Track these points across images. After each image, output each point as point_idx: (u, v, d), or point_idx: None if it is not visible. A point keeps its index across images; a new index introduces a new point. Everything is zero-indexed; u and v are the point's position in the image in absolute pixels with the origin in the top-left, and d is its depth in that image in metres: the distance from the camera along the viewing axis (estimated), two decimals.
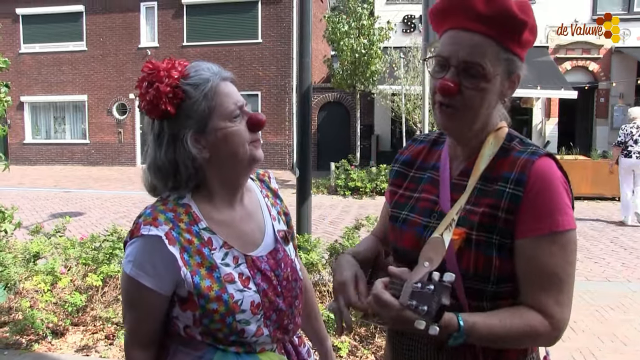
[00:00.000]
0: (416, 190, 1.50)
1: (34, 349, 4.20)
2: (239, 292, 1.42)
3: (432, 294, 1.10)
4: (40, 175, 19.20)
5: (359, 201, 13.45)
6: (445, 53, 1.33)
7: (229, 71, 1.51)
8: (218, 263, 1.42)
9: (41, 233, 5.46)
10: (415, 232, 1.43)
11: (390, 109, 17.50)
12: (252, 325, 1.44)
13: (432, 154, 1.53)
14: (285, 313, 1.53)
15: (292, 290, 1.57)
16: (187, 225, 1.42)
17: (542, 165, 1.29)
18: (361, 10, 17.39)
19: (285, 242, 1.60)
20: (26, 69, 22.76)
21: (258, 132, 1.49)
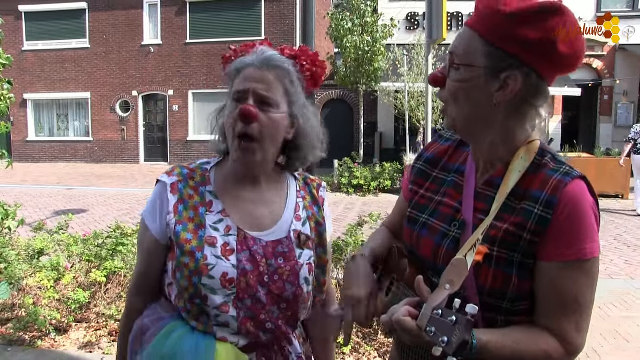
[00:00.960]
0: (438, 192, 1.44)
1: (37, 345, 4.21)
2: (215, 257, 1.43)
3: (454, 327, 1.07)
4: (43, 173, 19.24)
5: (362, 198, 13.45)
6: None
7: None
8: (207, 224, 1.47)
9: (44, 230, 5.47)
10: (433, 240, 1.38)
11: (394, 106, 17.49)
12: (218, 297, 1.42)
13: (457, 155, 1.46)
14: (264, 308, 1.46)
15: (282, 290, 1.48)
16: (196, 183, 1.53)
17: (574, 189, 1.23)
18: (365, 7, 17.39)
19: (299, 243, 1.54)
20: (29, 66, 22.79)
21: (249, 125, 1.42)
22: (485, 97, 1.26)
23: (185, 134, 21.79)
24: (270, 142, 1.47)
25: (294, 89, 1.51)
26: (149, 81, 22.02)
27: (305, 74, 1.53)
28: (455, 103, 1.30)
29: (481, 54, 1.24)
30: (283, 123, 1.48)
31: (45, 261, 4.73)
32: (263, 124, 1.43)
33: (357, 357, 4.00)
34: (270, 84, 1.45)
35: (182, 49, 21.58)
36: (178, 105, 21.77)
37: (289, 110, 1.50)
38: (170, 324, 1.47)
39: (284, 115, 1.48)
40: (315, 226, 1.61)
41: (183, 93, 21.63)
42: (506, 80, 1.24)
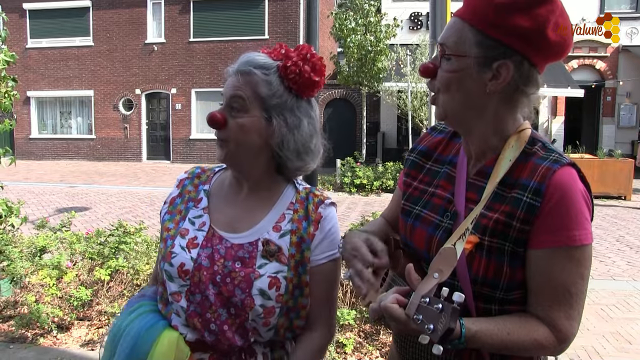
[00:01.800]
0: (431, 184, 1.45)
1: (39, 342, 4.22)
2: (180, 248, 1.49)
3: (440, 314, 1.07)
4: (46, 170, 19.28)
5: (364, 198, 13.45)
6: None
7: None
8: (187, 217, 1.56)
9: (47, 228, 5.48)
10: (426, 231, 1.39)
11: (397, 106, 17.49)
12: (173, 285, 1.47)
13: (450, 147, 1.47)
14: (211, 307, 1.44)
15: (231, 294, 1.44)
16: (199, 182, 1.63)
17: (563, 176, 1.22)
18: (368, 7, 17.39)
19: (265, 253, 1.47)
20: (33, 63, 22.83)
21: (219, 130, 1.47)
22: (477, 87, 1.27)
23: (187, 132, 21.81)
24: (241, 147, 1.47)
25: (271, 92, 1.45)
26: (152, 79, 22.04)
27: (289, 76, 1.46)
28: (446, 93, 1.30)
29: (472, 43, 1.25)
30: (253, 127, 1.45)
31: (47, 259, 4.74)
32: (231, 128, 1.45)
33: (359, 356, 4.01)
34: (239, 89, 1.45)
35: (186, 48, 21.60)
36: (181, 103, 21.78)
37: (264, 114, 1.46)
38: (140, 303, 1.55)
39: (253, 120, 1.45)
40: (298, 242, 1.50)
41: (186, 91, 21.66)
42: (498, 69, 1.25)
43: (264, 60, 1.48)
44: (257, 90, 1.45)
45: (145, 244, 5.00)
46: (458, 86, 1.28)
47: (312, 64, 1.48)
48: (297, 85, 1.47)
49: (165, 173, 18.57)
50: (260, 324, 1.45)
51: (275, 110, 1.46)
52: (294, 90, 1.48)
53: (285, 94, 1.47)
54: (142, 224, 5.37)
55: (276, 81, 1.46)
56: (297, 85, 1.47)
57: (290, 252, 1.48)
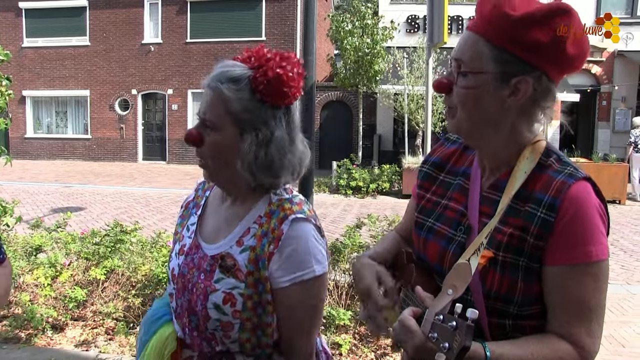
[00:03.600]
0: (444, 196, 1.43)
1: (33, 343, 4.20)
2: (175, 253, 1.59)
3: (454, 332, 1.05)
4: (42, 170, 19.22)
5: (360, 200, 13.46)
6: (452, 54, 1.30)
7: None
8: (187, 223, 1.62)
9: (42, 227, 5.46)
10: (439, 245, 1.37)
11: (393, 108, 17.51)
12: (170, 287, 1.58)
13: (463, 158, 1.44)
14: (185, 313, 1.49)
15: (195, 304, 1.45)
16: (207, 187, 1.67)
17: (578, 190, 1.20)
18: (365, 9, 17.42)
19: (222, 268, 1.44)
20: (28, 63, 22.76)
21: (196, 147, 1.45)
22: (495, 103, 1.24)
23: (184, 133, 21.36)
24: (218, 163, 1.44)
25: (242, 107, 1.39)
26: (149, 80, 22.02)
27: (259, 88, 1.39)
28: (463, 109, 1.27)
29: (489, 59, 1.22)
30: (226, 144, 1.41)
31: (42, 258, 4.72)
32: (206, 146, 1.43)
33: (354, 358, 4.01)
34: (212, 105, 1.41)
35: (182, 48, 21.58)
36: (177, 104, 21.76)
37: (237, 130, 1.40)
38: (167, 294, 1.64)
39: (226, 137, 1.40)
40: (255, 259, 1.41)
41: (182, 92, 21.63)
42: (517, 85, 1.22)
43: (237, 72, 1.41)
44: (227, 107, 1.39)
45: (140, 244, 4.98)
46: (475, 103, 1.25)
47: (284, 72, 1.38)
48: (269, 96, 1.40)
49: (161, 174, 18.54)
50: (221, 335, 1.44)
51: (248, 126, 1.41)
52: (268, 101, 1.40)
53: (258, 106, 1.40)
54: (138, 224, 5.35)
55: (247, 95, 1.40)
56: (269, 96, 1.40)
57: (248, 269, 1.41)
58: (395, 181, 14.47)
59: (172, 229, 8.15)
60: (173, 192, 14.12)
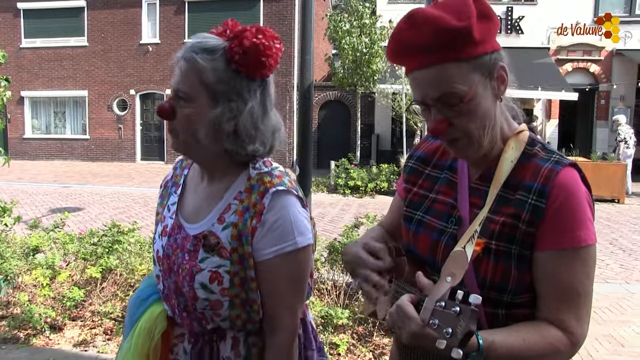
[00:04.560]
0: (432, 190, 1.44)
1: (31, 343, 4.20)
2: (158, 234, 1.57)
3: (458, 317, 1.06)
4: (40, 170, 19.20)
5: (358, 200, 13.46)
6: (418, 98, 1.27)
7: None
8: (167, 203, 1.59)
9: (40, 228, 5.46)
10: (430, 237, 1.38)
11: (391, 108, 17.51)
12: (155, 269, 1.57)
13: (448, 152, 1.43)
14: (173, 294, 1.49)
15: (181, 284, 1.45)
16: (185, 165, 1.64)
17: (566, 177, 1.23)
18: (363, 9, 17.39)
19: (206, 247, 1.42)
20: (27, 63, 22.74)
21: (169, 121, 1.43)
22: (492, 102, 1.27)
23: None
24: (190, 137, 1.41)
25: (216, 78, 1.38)
26: (147, 80, 22.00)
27: (234, 58, 1.37)
28: (472, 132, 1.26)
29: (468, 71, 1.21)
30: (199, 117, 1.38)
31: (40, 258, 4.72)
32: (179, 119, 1.41)
33: (352, 358, 4.00)
34: (185, 77, 1.39)
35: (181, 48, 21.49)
36: None
37: (211, 102, 1.39)
38: (150, 276, 1.65)
39: (199, 109, 1.38)
40: (237, 235, 1.40)
41: None
42: (499, 74, 1.26)
43: (211, 43, 1.40)
44: (201, 78, 1.38)
45: (138, 245, 4.99)
46: (476, 118, 1.25)
47: (260, 42, 1.37)
48: (244, 67, 1.39)
49: (159, 174, 18.50)
50: (211, 314, 1.45)
51: (222, 97, 1.39)
52: (243, 72, 1.39)
53: (233, 77, 1.39)
54: (136, 224, 5.35)
55: (222, 65, 1.38)
56: (245, 67, 1.39)
57: (232, 245, 1.41)
58: (394, 180, 14.46)
59: None
60: None
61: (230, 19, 1.47)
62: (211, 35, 1.44)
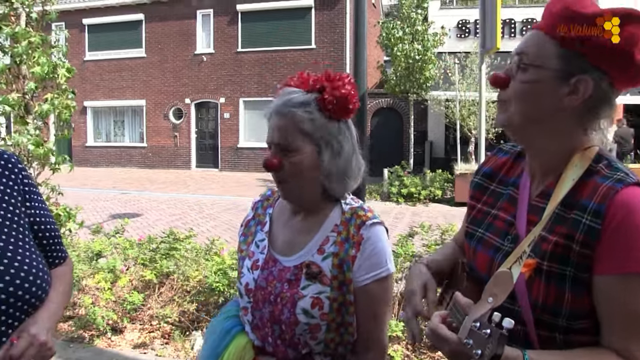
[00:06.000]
0: (494, 206, 1.41)
1: (95, 343, 4.36)
2: (247, 269, 1.67)
3: (487, 339, 1.05)
4: (101, 177, 19.85)
5: (412, 208, 13.36)
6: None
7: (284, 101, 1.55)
8: (254, 240, 1.71)
9: (102, 233, 5.66)
10: (487, 255, 1.36)
11: (445, 115, 17.33)
12: (242, 301, 1.67)
13: (514, 168, 1.42)
14: (267, 324, 1.59)
15: (280, 313, 1.55)
16: (268, 204, 1.78)
17: (626, 196, 1.13)
18: (415, 15, 17.31)
19: (308, 276, 1.56)
20: (89, 75, 23.62)
21: (276, 173, 1.56)
22: (551, 100, 1.22)
23: (235, 140, 22.12)
24: (300, 181, 1.56)
25: (315, 126, 1.53)
26: (202, 89, 22.48)
27: (328, 107, 1.53)
28: (517, 104, 1.26)
29: (553, 55, 1.21)
30: (307, 162, 1.54)
31: (102, 263, 4.89)
32: (287, 169, 1.54)
33: None
34: (286, 131, 1.53)
35: (234, 58, 21.95)
36: (229, 112, 22.13)
37: (314, 147, 1.54)
38: (230, 307, 1.79)
39: (306, 155, 1.54)
40: (339, 264, 1.55)
41: (234, 101, 21.99)
42: (576, 85, 1.20)
43: (303, 97, 1.55)
44: (302, 128, 1.52)
45: (194, 251, 5.10)
46: (531, 97, 1.23)
47: (348, 92, 1.54)
48: (336, 113, 1.54)
49: (214, 181, 18.86)
50: (308, 338, 1.55)
51: (322, 142, 1.54)
52: (334, 117, 1.55)
53: (327, 123, 1.54)
54: (192, 231, 5.48)
55: (317, 114, 1.53)
56: (336, 113, 1.54)
57: (332, 273, 1.55)
58: (448, 188, 14.30)
59: (225, 236, 8.31)
60: (226, 199, 14.36)
61: (305, 71, 1.63)
62: (295, 89, 1.59)
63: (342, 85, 1.54)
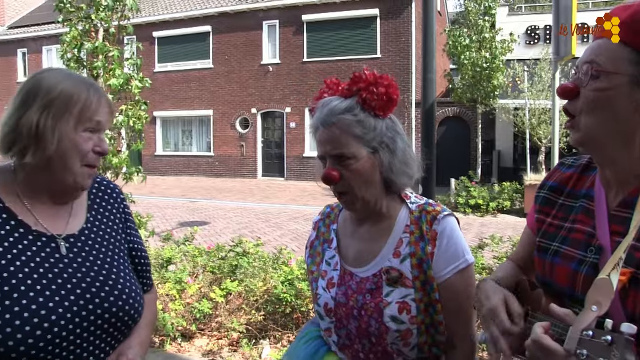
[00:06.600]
0: (567, 219, 1.37)
1: (166, 349, 4.44)
2: (322, 289, 1.64)
3: (610, 347, 0.99)
4: (169, 186, 20.43)
5: (480, 219, 13.07)
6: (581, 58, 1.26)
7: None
8: (324, 259, 1.69)
9: (172, 240, 5.78)
10: (570, 268, 1.30)
11: (513, 124, 16.90)
12: (324, 323, 1.64)
13: (583, 181, 1.39)
14: (355, 340, 1.56)
15: (368, 325, 1.52)
16: (330, 221, 1.75)
17: None
18: (482, 23, 17.00)
19: (389, 281, 1.53)
20: (159, 86, 24.36)
21: (336, 185, 1.53)
22: (628, 107, 1.17)
23: (301, 150, 22.29)
24: (363, 187, 1.53)
25: (365, 128, 1.51)
26: (268, 99, 22.81)
27: (371, 104, 1.51)
28: (591, 115, 1.20)
29: (627, 60, 1.16)
30: (368, 166, 1.51)
31: (171, 272, 4.98)
32: (347, 178, 1.51)
33: None
34: (338, 141, 1.50)
35: (300, 68, 22.17)
36: (295, 122, 22.33)
37: (369, 149, 1.51)
38: (309, 329, 1.77)
39: (364, 160, 1.51)
40: (418, 264, 1.53)
41: (300, 110, 22.18)
42: None
43: (343, 103, 1.52)
44: (354, 133, 1.50)
45: (262, 261, 5.13)
46: (606, 107, 1.19)
47: (384, 84, 1.51)
48: (382, 109, 1.52)
49: (280, 190, 19.06)
50: (401, 345, 1.52)
51: (376, 142, 1.52)
52: (380, 115, 1.53)
53: (375, 122, 1.52)
54: (260, 240, 5.52)
55: (364, 115, 1.51)
56: (382, 109, 1.52)
57: (413, 274, 1.52)
58: (517, 199, 13.91)
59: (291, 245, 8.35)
60: (292, 208, 14.46)
61: (333, 77, 1.65)
62: (332, 97, 1.57)
63: (377, 81, 1.52)
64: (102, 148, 1.40)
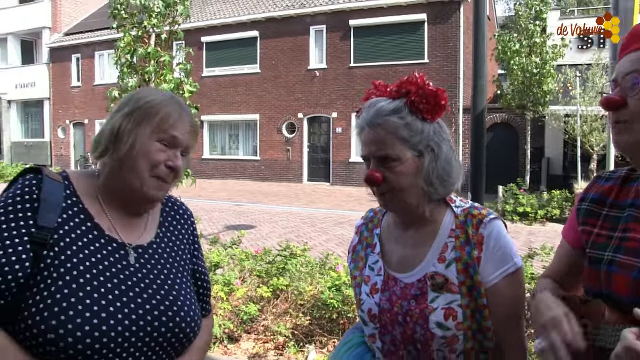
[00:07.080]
0: (616, 229, 1.36)
1: (213, 350, 4.50)
2: (366, 294, 1.62)
3: None
4: (216, 189, 20.68)
5: (528, 227, 12.82)
6: (615, 72, 1.27)
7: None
8: (368, 264, 1.66)
9: (219, 244, 5.87)
10: (630, 277, 1.28)
11: (564, 131, 16.51)
12: (368, 329, 1.61)
13: (625, 192, 1.39)
14: (400, 346, 1.53)
15: (413, 332, 1.50)
16: (373, 226, 1.73)
17: None
18: (533, 27, 16.68)
19: (434, 287, 1.50)
20: (207, 90, 24.74)
21: (379, 186, 1.51)
22: None
23: (347, 155, 22.28)
24: (406, 190, 1.50)
25: (411, 131, 1.48)
26: (314, 104, 22.90)
27: (420, 107, 1.48)
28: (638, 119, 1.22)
29: None
30: (410, 169, 1.49)
31: (219, 275, 5.06)
32: (391, 180, 1.49)
33: None
34: (384, 142, 1.48)
35: (346, 73, 22.19)
36: (341, 127, 22.34)
37: (415, 152, 1.49)
38: (352, 336, 1.73)
39: (408, 163, 1.49)
40: (464, 268, 1.49)
41: (346, 115, 22.17)
42: None
43: (391, 104, 1.50)
44: (399, 135, 1.48)
45: (310, 266, 5.16)
46: None
47: (432, 88, 1.50)
48: (429, 113, 1.49)
49: (325, 195, 19.10)
50: (446, 352, 1.49)
51: (422, 146, 1.49)
52: (428, 118, 1.50)
53: (422, 126, 1.50)
54: (306, 244, 5.55)
55: (411, 118, 1.49)
56: (430, 113, 1.49)
57: (459, 280, 1.49)
58: (567, 208, 13.57)
59: (337, 251, 8.36)
60: (337, 213, 14.47)
61: (379, 81, 1.61)
62: (380, 99, 1.55)
63: (426, 84, 1.50)
64: (174, 163, 1.44)
